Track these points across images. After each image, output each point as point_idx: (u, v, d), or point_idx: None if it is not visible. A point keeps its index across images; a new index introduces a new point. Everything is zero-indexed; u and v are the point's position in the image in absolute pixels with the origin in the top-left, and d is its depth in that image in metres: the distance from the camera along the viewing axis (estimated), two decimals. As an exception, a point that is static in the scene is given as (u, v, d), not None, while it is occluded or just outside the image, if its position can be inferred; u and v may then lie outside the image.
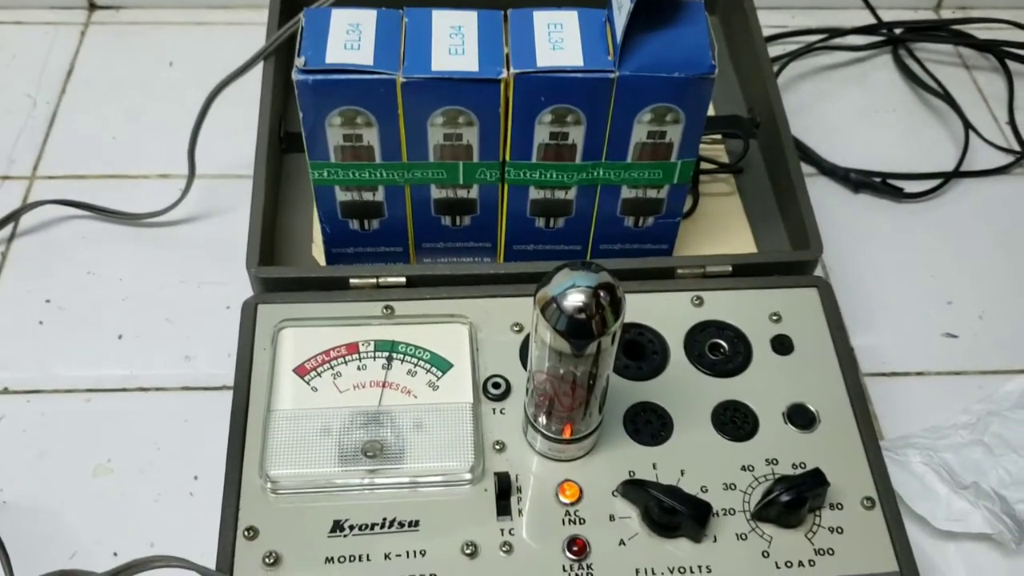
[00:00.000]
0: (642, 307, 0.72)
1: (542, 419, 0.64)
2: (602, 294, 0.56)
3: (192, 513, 0.73)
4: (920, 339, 0.87)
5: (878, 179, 0.98)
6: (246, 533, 0.63)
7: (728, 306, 0.74)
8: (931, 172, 0.99)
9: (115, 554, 0.70)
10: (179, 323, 0.85)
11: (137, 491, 0.75)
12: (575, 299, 0.55)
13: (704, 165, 0.84)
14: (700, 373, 0.71)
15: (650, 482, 0.64)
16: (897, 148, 1.02)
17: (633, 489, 0.64)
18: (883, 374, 0.84)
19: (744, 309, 0.74)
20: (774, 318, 0.73)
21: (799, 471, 0.66)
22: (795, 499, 0.63)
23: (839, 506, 0.66)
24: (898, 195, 0.97)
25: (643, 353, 0.71)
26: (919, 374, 0.85)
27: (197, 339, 0.84)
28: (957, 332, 0.87)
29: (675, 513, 0.62)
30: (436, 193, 0.72)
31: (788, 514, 0.64)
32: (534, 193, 0.72)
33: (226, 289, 0.85)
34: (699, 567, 0.63)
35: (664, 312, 0.73)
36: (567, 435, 0.64)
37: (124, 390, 0.81)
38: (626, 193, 0.72)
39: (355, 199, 0.72)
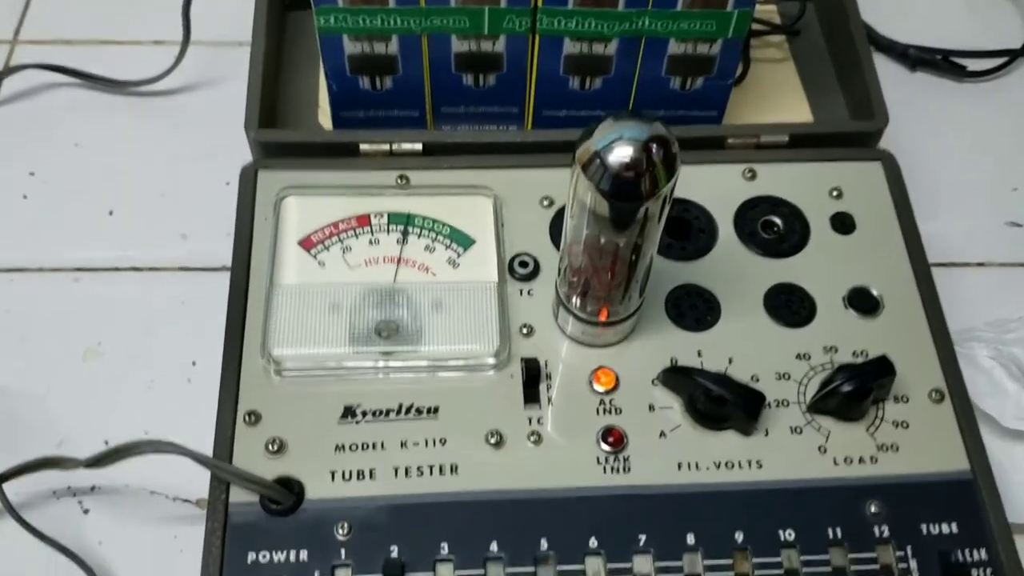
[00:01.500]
0: (688, 181, 0.64)
1: (576, 300, 0.57)
2: (654, 148, 0.48)
3: (190, 401, 0.67)
4: (982, 228, 0.79)
5: (938, 56, 0.89)
6: (247, 418, 0.56)
7: (783, 180, 0.66)
8: (996, 50, 0.90)
9: (106, 442, 0.64)
10: (175, 199, 0.78)
11: (129, 377, 0.69)
12: (622, 153, 0.48)
13: (755, 27, 0.75)
14: (751, 253, 0.64)
15: (696, 369, 0.58)
16: (959, 24, 0.93)
17: (676, 377, 0.58)
18: (943, 264, 0.77)
19: (801, 184, 0.66)
20: (834, 194, 0.66)
21: (860, 360, 0.59)
22: (858, 389, 0.56)
23: (904, 399, 0.59)
24: (960, 74, 0.88)
25: (688, 231, 0.64)
26: (980, 265, 0.77)
27: (194, 216, 0.77)
28: (1022, 221, 0.80)
29: (723, 403, 0.56)
30: (457, 46, 0.64)
31: (849, 406, 0.57)
32: (569, 47, 0.64)
33: (225, 163, 0.77)
34: (748, 462, 0.57)
35: (713, 186, 0.66)
36: (603, 318, 0.58)
37: (116, 270, 0.74)
38: (673, 48, 0.64)
39: (366, 51, 0.64)
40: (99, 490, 0.64)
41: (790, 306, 0.62)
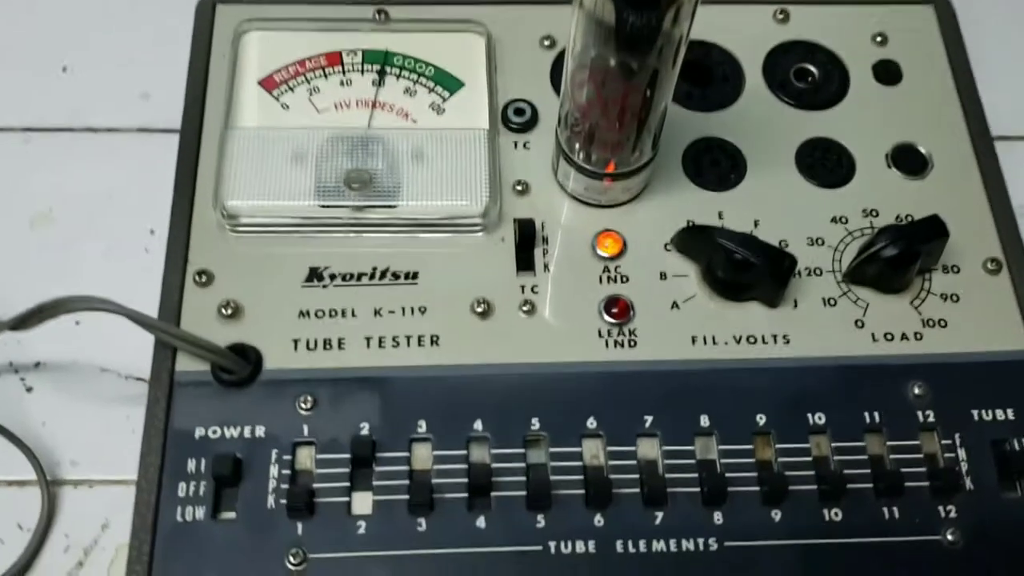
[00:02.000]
0: (711, 21, 0.56)
1: (579, 148, 0.49)
2: (672, -55, 0.40)
3: (147, 270, 0.59)
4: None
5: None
6: (198, 277, 0.49)
7: (821, 23, 0.57)
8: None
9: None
10: (136, 55, 0.69)
11: (83, 244, 0.61)
12: (634, -51, 0.39)
13: None
14: (783, 104, 0.55)
15: (716, 228, 0.50)
16: None
17: (693, 239, 0.50)
18: (1003, 137, 0.68)
19: (841, 27, 0.57)
20: (878, 40, 0.57)
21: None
22: (903, 253, 0.48)
23: (955, 268, 0.51)
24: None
25: (711, 77, 0.56)
26: (1036, 138, 0.69)
27: (157, 73, 0.68)
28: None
29: (747, 268, 0.48)
30: None
31: (892, 274, 0.49)
32: None
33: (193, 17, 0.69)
34: (774, 337, 0.49)
35: (739, 28, 0.57)
36: (610, 169, 0.50)
37: (69, 130, 0.66)
38: None
39: None
40: (44, 366, 0.57)
41: (825, 164, 0.54)
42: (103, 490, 0.54)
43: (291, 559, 0.43)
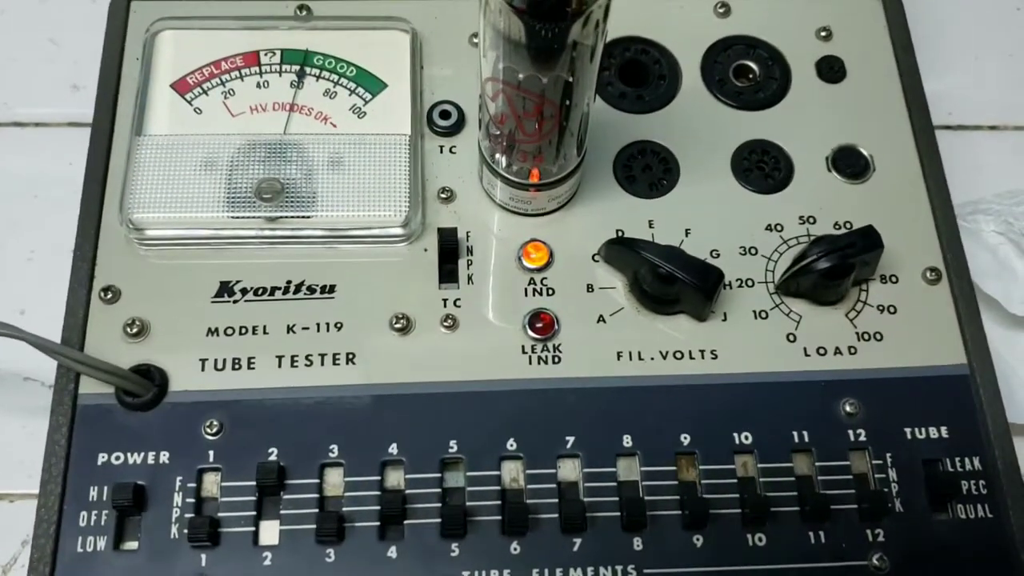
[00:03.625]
0: (647, 16, 0.54)
1: (501, 157, 0.47)
2: (580, -49, 0.37)
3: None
4: (995, 86, 0.68)
5: None
6: (103, 295, 0.47)
7: (763, 17, 0.55)
8: None
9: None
10: (65, 45, 0.67)
11: (7, 247, 0.59)
12: (539, -45, 0.37)
13: None
14: (720, 104, 0.53)
15: (642, 241, 0.48)
16: None
17: (619, 251, 0.48)
18: (948, 127, 0.66)
19: (784, 21, 0.55)
20: (822, 35, 0.55)
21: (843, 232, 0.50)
22: (837, 265, 0.47)
23: (893, 279, 0.50)
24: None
25: (646, 77, 0.54)
26: (993, 128, 0.67)
27: (88, 64, 0.66)
28: (1044, 78, 0.69)
29: (672, 282, 0.46)
30: None
31: (826, 286, 0.48)
32: None
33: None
34: (701, 352, 0.48)
35: (677, 24, 0.55)
36: (535, 179, 0.48)
37: (-4, 124, 0.64)
38: None
39: None
40: (-36, 376, 0.56)
41: (762, 167, 0.52)
42: (24, 504, 0.53)
43: (194, 592, 0.42)
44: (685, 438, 0.46)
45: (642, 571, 0.43)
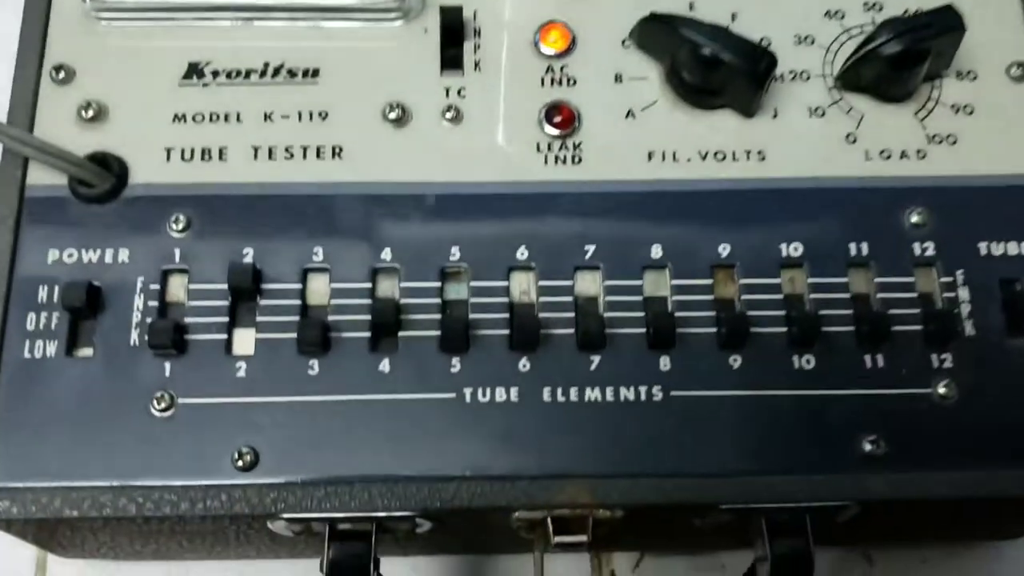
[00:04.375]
0: None
1: (518, -81, 0.40)
2: None
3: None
4: None
5: None
6: (55, 73, 0.41)
7: None
8: None
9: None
10: None
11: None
12: None
13: None
14: None
15: (683, 18, 0.41)
16: None
17: (656, 31, 0.41)
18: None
19: None
20: None
21: (916, 19, 0.42)
22: (908, 50, 0.39)
23: (971, 75, 0.42)
24: None
25: None
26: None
27: None
28: None
29: (716, 67, 0.39)
30: None
31: (894, 77, 0.41)
32: None
33: None
34: (747, 152, 0.41)
35: None
36: (556, -54, 0.41)
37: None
38: None
39: None
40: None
41: (823, -56, 0.44)
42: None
43: (156, 404, 0.37)
44: (724, 249, 0.39)
45: (669, 393, 0.38)
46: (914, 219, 0.40)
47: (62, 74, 0.41)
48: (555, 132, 0.41)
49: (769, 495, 0.37)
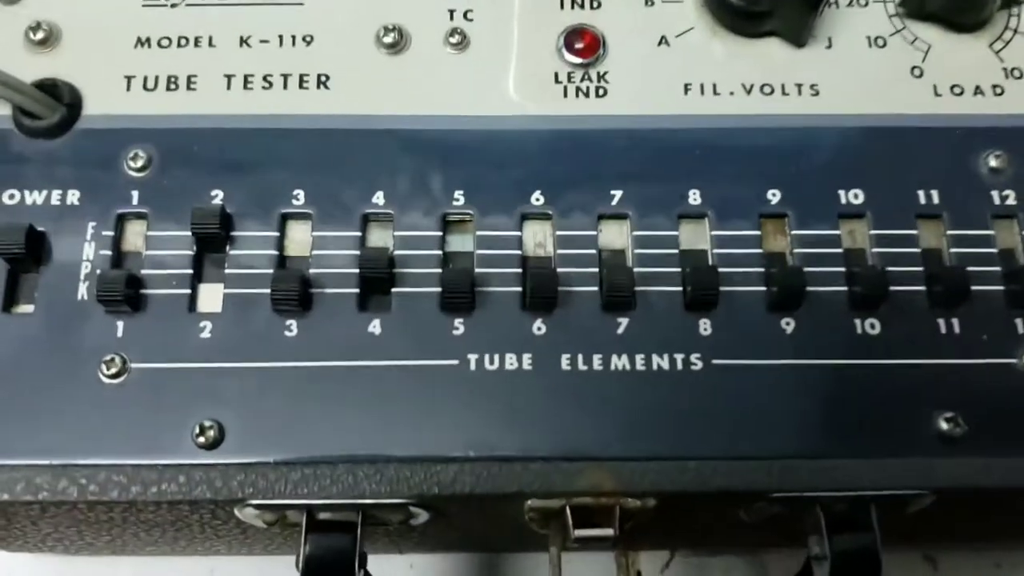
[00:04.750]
0: None
1: None
2: None
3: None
4: None
5: None
6: (0, -11, 0.36)
7: None
8: None
9: None
10: None
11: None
12: None
13: None
14: None
15: (725, -74, 0.35)
16: None
17: (692, -54, 0.36)
18: None
19: None
20: None
21: (992, -62, 0.37)
22: (989, -32, 0.34)
23: (1057, 0, 0.37)
24: None
25: None
26: None
27: None
28: None
29: (765, -15, 0.34)
30: None
31: (965, 3, 0.35)
32: None
33: None
34: (798, 86, 0.35)
35: None
36: None
37: None
38: None
39: None
40: None
41: None
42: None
43: (105, 369, 0.31)
44: (773, 195, 0.34)
45: (710, 362, 0.32)
46: (992, 163, 0.35)
47: (8, -11, 0.36)
48: (576, 60, 0.35)
49: (828, 482, 0.31)
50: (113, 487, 0.30)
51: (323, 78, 0.35)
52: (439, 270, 0.33)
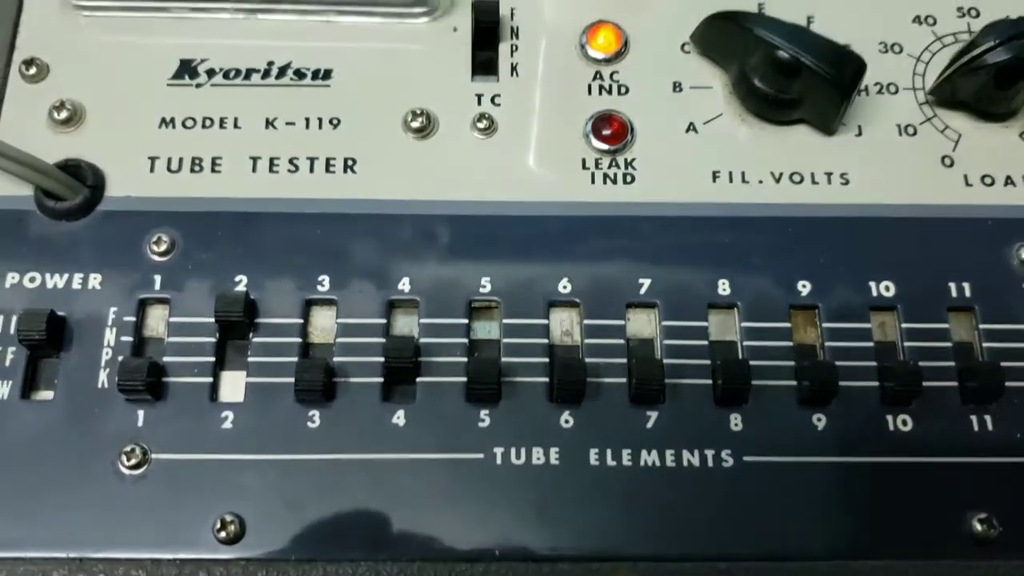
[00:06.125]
0: None
1: (564, -98, 0.35)
2: None
3: None
4: None
5: None
6: (26, 69, 0.36)
7: None
8: None
9: None
10: None
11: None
12: None
13: None
14: None
15: (757, 15, 0.35)
16: None
17: (724, 31, 0.36)
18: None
19: None
20: None
21: (1020, 26, 0.37)
22: (1016, 60, 0.34)
23: (1087, 91, 0.37)
24: None
25: None
26: None
27: None
28: None
29: (796, 74, 0.34)
30: None
31: (997, 92, 0.35)
32: None
33: None
34: (828, 175, 0.35)
35: None
36: (608, -67, 0.35)
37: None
38: None
39: None
40: None
41: (912, -60, 0.39)
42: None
43: (125, 460, 0.31)
44: (804, 287, 0.33)
45: (741, 459, 0.31)
46: (1023, 255, 0.34)
47: (33, 69, 0.35)
48: (604, 147, 0.35)
49: (861, 584, 0.31)
50: (131, 583, 0.30)
51: (350, 162, 0.35)
52: (464, 359, 0.32)
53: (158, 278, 0.33)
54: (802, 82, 0.34)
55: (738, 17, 0.35)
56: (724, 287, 0.34)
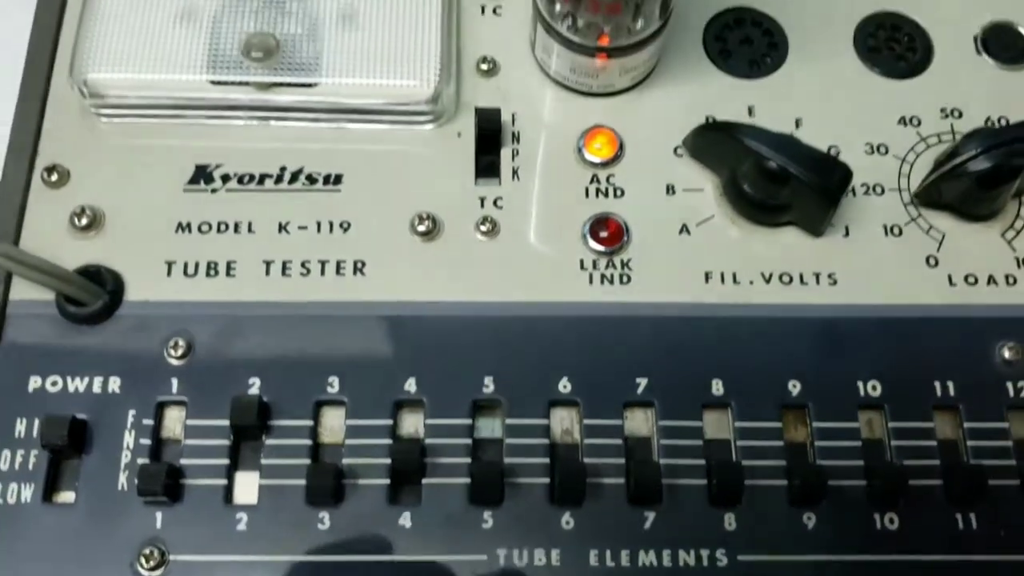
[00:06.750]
0: None
1: (563, 11, 0.36)
2: None
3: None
4: None
5: None
6: (47, 176, 0.37)
7: None
8: None
9: None
10: None
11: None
12: None
13: None
14: (840, -37, 0.42)
15: (745, 126, 0.37)
16: None
17: (713, 139, 0.37)
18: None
19: None
20: None
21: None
22: (1000, 166, 0.35)
23: (1065, 191, 0.38)
24: None
25: (745, -74, 0.42)
26: None
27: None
28: None
29: (784, 181, 0.35)
30: None
31: (980, 195, 0.37)
32: None
33: None
34: (816, 275, 0.37)
35: None
36: (604, 43, 0.37)
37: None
38: None
39: None
40: None
41: (894, 47, 0.41)
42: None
43: (144, 561, 0.32)
44: (794, 386, 0.35)
45: (735, 558, 0.33)
46: (1006, 355, 0.36)
47: (55, 176, 0.37)
48: (601, 248, 0.37)
49: None
50: None
51: (359, 264, 0.36)
52: (468, 460, 0.34)
53: (175, 381, 0.34)
54: (790, 189, 0.36)
55: (727, 127, 0.37)
56: (718, 387, 0.35)
